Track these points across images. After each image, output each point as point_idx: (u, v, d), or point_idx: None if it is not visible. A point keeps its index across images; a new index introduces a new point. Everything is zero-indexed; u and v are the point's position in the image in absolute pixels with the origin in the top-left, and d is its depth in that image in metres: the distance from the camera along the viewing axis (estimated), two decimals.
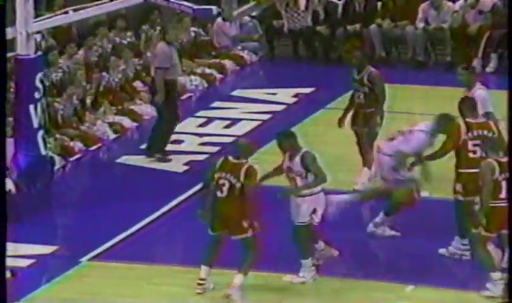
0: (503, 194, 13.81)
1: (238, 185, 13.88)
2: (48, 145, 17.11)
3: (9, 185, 15.71)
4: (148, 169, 18.14)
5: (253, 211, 13.88)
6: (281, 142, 14.41)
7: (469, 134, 14.65)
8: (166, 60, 18.01)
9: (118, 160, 18.57)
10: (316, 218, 14.18)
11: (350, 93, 17.16)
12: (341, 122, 17.27)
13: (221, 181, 13.91)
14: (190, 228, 15.80)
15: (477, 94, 16.15)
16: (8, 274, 12.61)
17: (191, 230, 15.72)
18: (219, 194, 13.93)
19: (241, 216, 13.84)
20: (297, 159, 14.25)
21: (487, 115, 16.04)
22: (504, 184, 13.81)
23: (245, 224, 13.71)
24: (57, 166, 17.59)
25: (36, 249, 15.21)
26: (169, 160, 18.03)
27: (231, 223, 13.89)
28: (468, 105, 14.99)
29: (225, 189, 13.92)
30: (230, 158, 14.16)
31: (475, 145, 14.59)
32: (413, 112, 17.70)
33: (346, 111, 17.13)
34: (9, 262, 12.51)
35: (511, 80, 13.25)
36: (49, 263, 15.14)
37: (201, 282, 13.98)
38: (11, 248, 12.99)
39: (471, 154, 14.57)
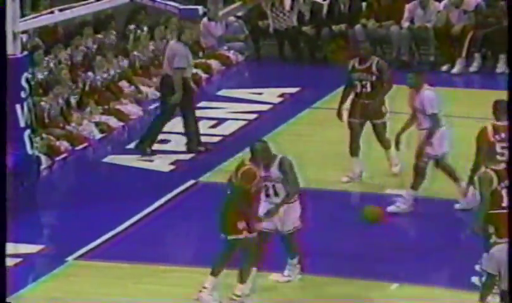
0: (505, 202, 13.63)
1: (236, 186, 13.91)
2: (35, 144, 17.09)
3: None
4: (134, 168, 18.16)
5: (248, 213, 13.80)
6: (257, 154, 14.23)
7: (497, 137, 14.65)
8: (184, 60, 18.17)
9: (104, 160, 18.57)
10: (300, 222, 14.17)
11: (345, 85, 17.03)
12: (339, 115, 17.12)
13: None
14: (176, 227, 16.04)
15: (425, 94, 16.11)
16: None
17: (177, 229, 15.96)
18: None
19: (236, 218, 13.74)
20: (274, 166, 14.15)
21: (433, 115, 16.11)
22: (504, 192, 13.66)
23: (240, 225, 13.60)
24: (43, 166, 17.60)
25: (22, 248, 15.08)
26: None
27: (225, 223, 13.85)
28: (499, 107, 14.85)
29: (228, 189, 14.03)
30: (245, 159, 14.19)
31: (503, 147, 14.55)
32: (400, 111, 17.65)
33: (342, 103, 17.01)
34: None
35: (510, 80, 13.27)
36: (36, 262, 15.16)
37: (203, 290, 13.90)
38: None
39: (499, 157, 14.48)
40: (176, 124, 19.53)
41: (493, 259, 11.68)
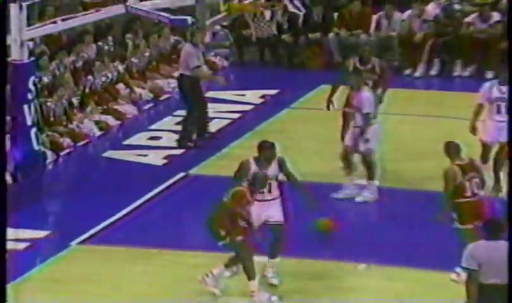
0: (468, 193, 13.79)
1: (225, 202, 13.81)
2: (41, 141, 17.07)
3: (6, 176, 15.37)
4: (130, 162, 18.22)
5: (229, 224, 13.59)
6: (264, 153, 14.14)
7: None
8: (197, 60, 18.40)
9: (103, 155, 18.62)
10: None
11: (338, 82, 17.15)
12: (328, 107, 17.22)
13: None
14: (168, 214, 16.06)
15: (364, 95, 16.21)
16: None
17: (170, 216, 15.94)
18: None
19: (219, 226, 13.66)
20: (274, 164, 14.17)
21: (367, 115, 16.15)
22: (468, 184, 13.77)
23: (222, 232, 13.62)
24: (48, 160, 17.66)
25: (30, 233, 15.24)
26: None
27: (211, 231, 13.81)
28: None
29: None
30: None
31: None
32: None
33: (331, 96, 17.17)
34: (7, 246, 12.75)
35: (510, 80, 13.47)
36: (42, 246, 15.20)
37: (209, 275, 13.83)
38: (9, 233, 13.40)
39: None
40: (168, 122, 19.76)
41: (470, 254, 11.62)
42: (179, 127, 19.44)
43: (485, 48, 22.46)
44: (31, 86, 16.68)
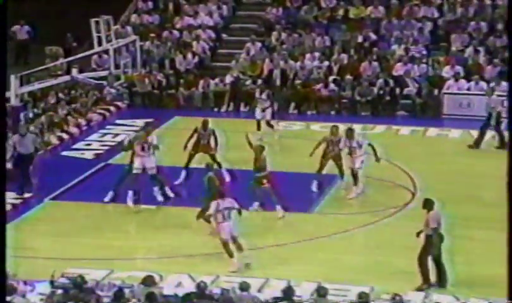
0: None
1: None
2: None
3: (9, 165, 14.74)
4: (76, 157, 17.78)
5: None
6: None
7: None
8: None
9: (62, 153, 18.16)
10: None
11: None
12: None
13: None
14: (99, 186, 15.27)
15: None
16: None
17: (100, 187, 15.07)
18: None
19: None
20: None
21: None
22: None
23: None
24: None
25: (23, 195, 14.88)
26: None
27: None
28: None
29: None
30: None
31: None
32: None
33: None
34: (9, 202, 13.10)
35: (510, 80, 11.38)
36: (28, 202, 14.86)
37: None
38: (11, 195, 13.67)
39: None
40: (95, 136, 18.99)
41: None
42: (102, 139, 18.84)
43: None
44: (22, 118, 17.32)
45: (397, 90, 21.82)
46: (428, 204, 11.10)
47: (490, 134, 17.77)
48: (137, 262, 12.29)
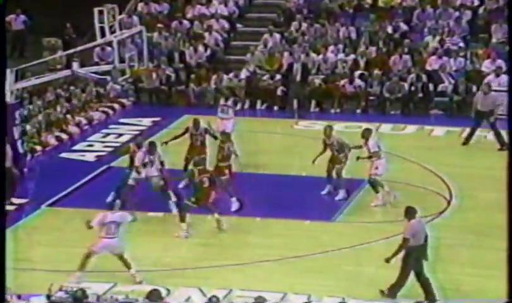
0: None
1: None
2: (24, 147, 17.07)
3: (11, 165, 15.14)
4: (76, 160, 17.95)
5: None
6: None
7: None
8: None
9: (60, 155, 18.34)
10: None
11: None
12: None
13: None
14: (99, 189, 15.42)
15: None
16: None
17: (100, 191, 15.16)
18: None
19: None
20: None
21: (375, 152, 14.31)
22: None
23: None
24: (28, 158, 17.37)
25: (16, 200, 15.03)
26: None
27: None
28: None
29: None
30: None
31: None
32: None
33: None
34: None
35: (510, 80, 12.51)
36: (24, 208, 14.98)
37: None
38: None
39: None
40: (96, 136, 19.23)
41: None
42: (105, 139, 19.07)
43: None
44: (17, 116, 16.90)
45: (431, 86, 21.75)
46: (408, 213, 11.13)
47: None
48: (142, 275, 12.20)
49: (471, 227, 13.26)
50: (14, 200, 15.15)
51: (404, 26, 23.37)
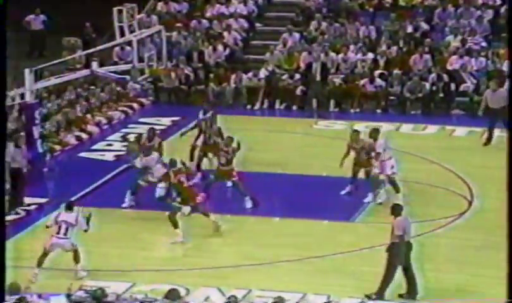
0: None
1: None
2: (43, 147, 17.13)
3: (25, 166, 15.24)
4: (95, 159, 18.05)
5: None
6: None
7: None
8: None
9: (79, 155, 18.46)
10: None
11: None
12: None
13: None
14: (118, 189, 15.53)
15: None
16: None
17: (118, 189, 15.36)
18: None
19: None
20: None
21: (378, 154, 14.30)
22: None
23: None
24: (47, 158, 17.40)
25: (37, 200, 15.22)
26: None
27: None
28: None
29: None
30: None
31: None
32: None
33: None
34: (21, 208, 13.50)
35: (511, 80, 12.37)
36: (44, 208, 15.04)
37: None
38: (27, 200, 13.94)
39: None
40: (116, 135, 19.33)
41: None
42: (124, 138, 19.07)
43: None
44: (37, 116, 16.98)
45: (452, 86, 21.68)
46: (395, 210, 11.23)
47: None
48: (161, 274, 12.31)
49: (492, 228, 13.03)
50: (34, 199, 15.32)
51: (425, 26, 23.29)
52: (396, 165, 14.57)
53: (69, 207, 12.37)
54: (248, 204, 14.56)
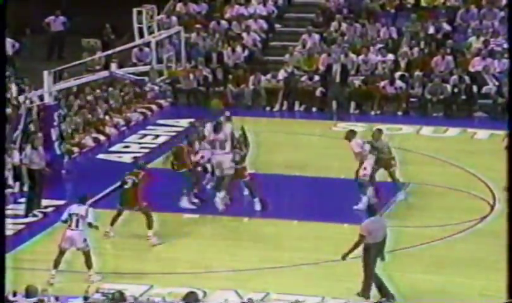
0: None
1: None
2: (61, 148, 17.14)
3: (44, 167, 15.18)
4: (113, 161, 18.10)
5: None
6: None
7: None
8: None
9: (97, 156, 18.49)
10: None
11: None
12: None
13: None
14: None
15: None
16: None
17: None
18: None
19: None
20: None
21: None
22: None
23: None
24: (65, 160, 17.46)
25: (55, 202, 15.21)
26: None
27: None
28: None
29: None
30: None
31: None
32: None
33: None
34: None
35: (510, 82, 12.31)
36: (62, 210, 14.29)
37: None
38: (45, 202, 13.95)
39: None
40: (134, 137, 19.41)
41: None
42: (142, 140, 19.24)
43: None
44: (55, 118, 16.97)
45: (474, 88, 21.56)
46: (369, 210, 11.44)
47: None
48: (179, 277, 12.32)
49: None
50: (51, 202, 15.35)
51: (447, 27, 23.18)
52: (371, 166, 14.39)
53: (82, 200, 12.47)
54: (257, 206, 14.53)
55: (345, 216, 14.21)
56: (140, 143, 19.31)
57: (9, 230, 12.73)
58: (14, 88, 19.71)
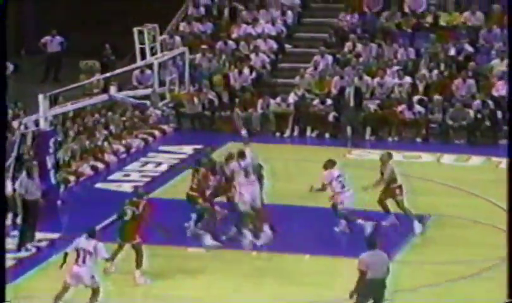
0: None
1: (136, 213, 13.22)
2: (57, 177, 17.11)
3: (39, 197, 15.04)
4: (112, 190, 18.07)
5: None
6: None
7: None
8: None
9: (95, 186, 18.45)
10: None
11: None
12: None
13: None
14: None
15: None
16: None
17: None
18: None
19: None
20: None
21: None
22: None
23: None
24: (61, 189, 17.49)
25: (49, 235, 15.15)
26: None
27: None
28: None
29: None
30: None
31: None
32: None
33: None
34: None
35: (510, 83, 12.00)
36: (57, 243, 14.95)
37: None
38: (39, 235, 13.89)
39: None
40: (134, 165, 19.51)
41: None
42: (143, 168, 19.32)
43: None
44: (51, 145, 16.78)
45: (499, 114, 21.42)
46: (368, 245, 11.25)
47: None
48: None
49: None
50: (46, 235, 15.25)
51: (468, 48, 23.10)
52: (348, 199, 14.48)
53: (90, 235, 12.36)
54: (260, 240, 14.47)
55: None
56: (140, 171, 19.36)
57: None
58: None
